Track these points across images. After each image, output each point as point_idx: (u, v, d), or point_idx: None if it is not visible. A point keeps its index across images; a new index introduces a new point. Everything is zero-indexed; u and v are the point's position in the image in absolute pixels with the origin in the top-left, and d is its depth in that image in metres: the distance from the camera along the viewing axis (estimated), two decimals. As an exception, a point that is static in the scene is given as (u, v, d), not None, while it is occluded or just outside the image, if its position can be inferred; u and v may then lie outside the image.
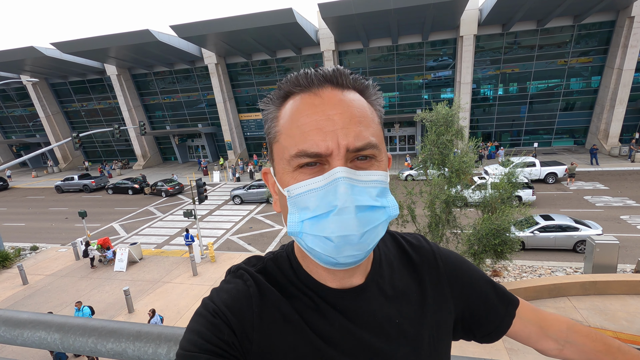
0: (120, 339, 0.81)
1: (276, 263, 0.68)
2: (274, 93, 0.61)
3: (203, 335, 0.57)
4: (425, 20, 21.87)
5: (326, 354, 0.60)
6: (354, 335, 0.62)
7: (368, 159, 0.56)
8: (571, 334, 0.77)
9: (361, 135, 0.54)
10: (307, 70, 0.57)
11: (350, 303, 0.63)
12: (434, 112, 9.50)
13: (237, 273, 0.67)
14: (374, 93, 0.61)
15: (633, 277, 8.55)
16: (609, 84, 23.47)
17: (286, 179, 0.57)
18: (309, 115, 0.54)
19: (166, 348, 0.78)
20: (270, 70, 29.74)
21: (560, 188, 18.63)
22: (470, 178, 9.71)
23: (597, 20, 22.97)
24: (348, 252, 0.54)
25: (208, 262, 13.15)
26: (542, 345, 0.77)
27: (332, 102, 0.54)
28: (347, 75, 0.57)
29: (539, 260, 11.32)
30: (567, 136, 27.79)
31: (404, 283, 0.70)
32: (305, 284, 0.64)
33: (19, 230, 19.02)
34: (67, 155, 37.08)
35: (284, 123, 0.57)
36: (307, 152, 0.53)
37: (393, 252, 0.74)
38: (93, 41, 24.01)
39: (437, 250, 0.77)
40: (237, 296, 0.62)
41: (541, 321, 0.78)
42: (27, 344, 0.87)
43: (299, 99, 0.57)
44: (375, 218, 0.54)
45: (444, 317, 0.71)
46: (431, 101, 12.06)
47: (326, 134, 0.52)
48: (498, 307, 0.76)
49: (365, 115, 0.56)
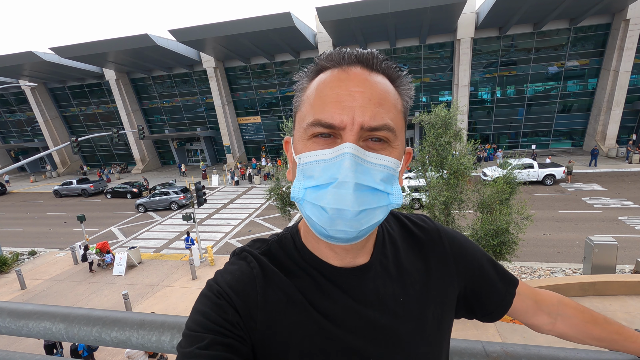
0: (124, 328, 0.83)
1: (280, 244, 0.69)
2: (310, 67, 0.62)
3: (208, 315, 0.58)
4: (423, 23, 22.01)
5: (331, 332, 0.60)
6: (358, 313, 0.62)
7: (382, 142, 0.56)
8: (562, 306, 0.79)
9: (378, 116, 0.54)
10: (343, 49, 0.58)
11: (354, 282, 0.64)
12: (433, 114, 9.54)
13: (240, 255, 0.68)
14: (405, 83, 0.61)
15: (632, 277, 8.56)
16: (606, 86, 23.62)
17: (300, 146, 0.58)
18: (333, 88, 0.55)
19: (169, 335, 0.80)
20: (269, 74, 29.83)
21: (559, 189, 18.68)
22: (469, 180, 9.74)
23: (593, 23, 23.15)
24: (340, 226, 0.54)
25: (207, 265, 13.12)
26: (536, 320, 0.79)
27: (358, 79, 0.55)
28: (379, 60, 0.58)
29: (538, 262, 11.33)
30: (565, 138, 27.91)
31: (409, 262, 0.71)
32: (309, 263, 0.65)
33: (17, 235, 18.95)
34: (66, 159, 37.02)
35: (310, 93, 0.59)
36: (321, 121, 0.54)
37: (397, 232, 0.75)
38: (92, 46, 24.07)
39: (442, 229, 0.78)
40: (241, 277, 0.63)
41: (536, 295, 0.80)
42: (32, 335, 0.89)
43: (329, 73, 0.58)
44: (374, 201, 0.55)
45: (448, 295, 0.72)
46: (430, 104, 12.11)
47: (344, 108, 0.53)
48: (499, 286, 0.77)
49: (387, 99, 0.56)
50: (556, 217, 14.85)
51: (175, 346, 0.80)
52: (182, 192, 21.18)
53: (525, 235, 11.48)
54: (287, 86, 29.93)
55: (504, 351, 0.80)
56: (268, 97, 30.91)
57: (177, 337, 0.81)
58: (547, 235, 13.22)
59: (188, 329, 0.59)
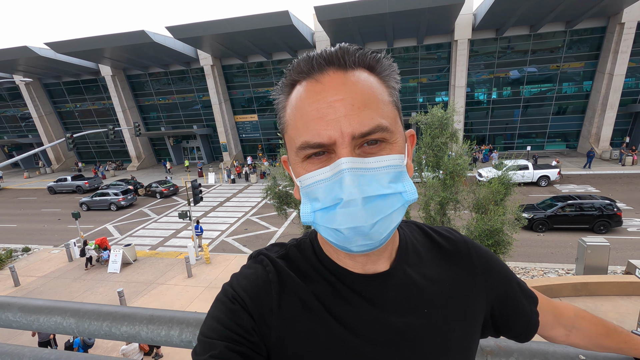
0: (133, 323, 0.85)
1: (299, 249, 0.67)
2: (282, 81, 0.57)
3: (222, 321, 0.57)
4: (420, 24, 22.09)
5: (348, 341, 0.57)
6: (377, 323, 0.59)
7: (379, 143, 0.52)
8: (577, 319, 0.78)
9: (367, 120, 0.50)
10: (310, 54, 0.54)
11: (375, 289, 0.61)
12: (429, 114, 9.60)
13: (257, 259, 0.66)
14: (386, 68, 0.56)
15: (623, 278, 8.68)
16: (600, 89, 23.86)
17: (297, 169, 0.56)
18: (311, 104, 0.51)
19: (178, 330, 0.83)
20: (266, 72, 29.80)
21: (553, 191, 18.85)
22: (465, 181, 9.82)
23: (589, 26, 23.38)
24: (360, 242, 0.52)
25: (203, 263, 13.11)
26: (552, 332, 0.78)
27: (334, 87, 0.51)
28: (351, 54, 0.53)
29: (531, 262, 11.45)
30: (560, 140, 28.18)
31: (434, 272, 0.67)
32: (327, 269, 0.62)
33: (11, 232, 18.80)
34: (60, 156, 36.74)
35: (290, 113, 0.55)
36: (309, 143, 0.51)
37: (421, 242, 0.71)
38: (88, 41, 23.88)
39: (469, 242, 0.74)
40: (256, 282, 0.61)
41: (554, 309, 0.78)
42: (43, 329, 0.91)
43: (303, 87, 0.54)
44: (387, 206, 0.52)
45: (476, 310, 0.68)
46: (427, 104, 12.17)
47: (328, 122, 0.50)
48: (525, 306, 0.73)
49: (372, 97, 0.52)
50: (550, 218, 14.99)
51: (183, 340, 0.83)
52: (122, 194, 21.39)
53: (520, 236, 11.59)
54: (284, 85, 29.90)
55: (498, 346, 0.84)
56: (265, 96, 30.86)
57: (186, 332, 0.83)
58: (541, 236, 13.37)
59: (202, 334, 0.58)
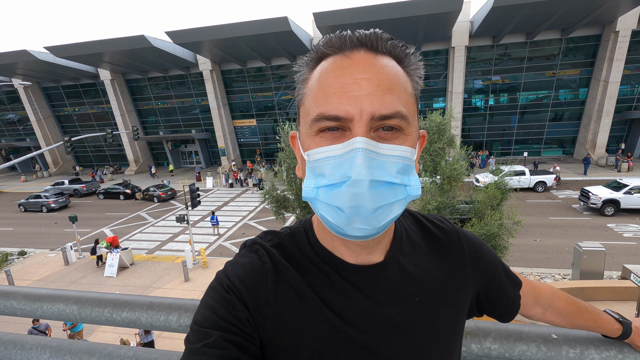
0: (134, 309, 0.89)
1: (293, 238, 0.66)
2: (309, 55, 0.57)
3: (216, 310, 0.56)
4: (418, 31, 22.32)
5: (343, 331, 0.58)
6: (372, 313, 0.60)
7: (394, 131, 0.52)
8: (554, 299, 0.83)
9: (389, 103, 0.50)
10: (344, 32, 0.54)
11: (368, 280, 0.61)
12: (427, 120, 9.71)
13: (252, 247, 0.65)
14: (413, 62, 0.56)
15: (619, 283, 8.74)
16: (596, 96, 24.13)
17: (308, 142, 0.55)
18: (336, 77, 0.51)
19: (176, 315, 0.86)
20: (265, 78, 29.95)
21: (550, 196, 18.97)
22: (462, 186, 9.90)
23: (584, 34, 23.70)
24: (358, 224, 0.52)
25: (200, 267, 13.08)
26: (531, 311, 0.83)
27: (363, 65, 0.51)
28: (384, 40, 0.54)
29: (528, 267, 11.49)
30: (556, 146, 28.41)
31: (426, 262, 0.68)
32: (322, 259, 0.62)
33: (7, 235, 18.71)
34: (58, 159, 36.66)
35: (312, 85, 0.55)
36: (325, 114, 0.51)
37: (415, 231, 0.72)
38: (87, 46, 23.99)
39: (460, 231, 0.76)
40: (252, 272, 0.60)
41: (534, 290, 0.82)
42: (47, 316, 0.95)
43: (330, 61, 0.53)
44: (391, 195, 0.52)
45: (464, 298, 0.70)
46: (425, 109, 12.28)
47: (350, 98, 0.49)
48: (509, 290, 0.77)
49: (397, 84, 0.52)
50: (546, 224, 15.09)
51: (182, 325, 0.86)
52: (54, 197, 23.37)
53: (516, 241, 11.66)
54: (283, 90, 30.06)
55: (477, 327, 0.88)
56: (264, 101, 31.00)
57: (184, 317, 0.87)
58: (537, 241, 13.43)
59: (196, 323, 0.57)
